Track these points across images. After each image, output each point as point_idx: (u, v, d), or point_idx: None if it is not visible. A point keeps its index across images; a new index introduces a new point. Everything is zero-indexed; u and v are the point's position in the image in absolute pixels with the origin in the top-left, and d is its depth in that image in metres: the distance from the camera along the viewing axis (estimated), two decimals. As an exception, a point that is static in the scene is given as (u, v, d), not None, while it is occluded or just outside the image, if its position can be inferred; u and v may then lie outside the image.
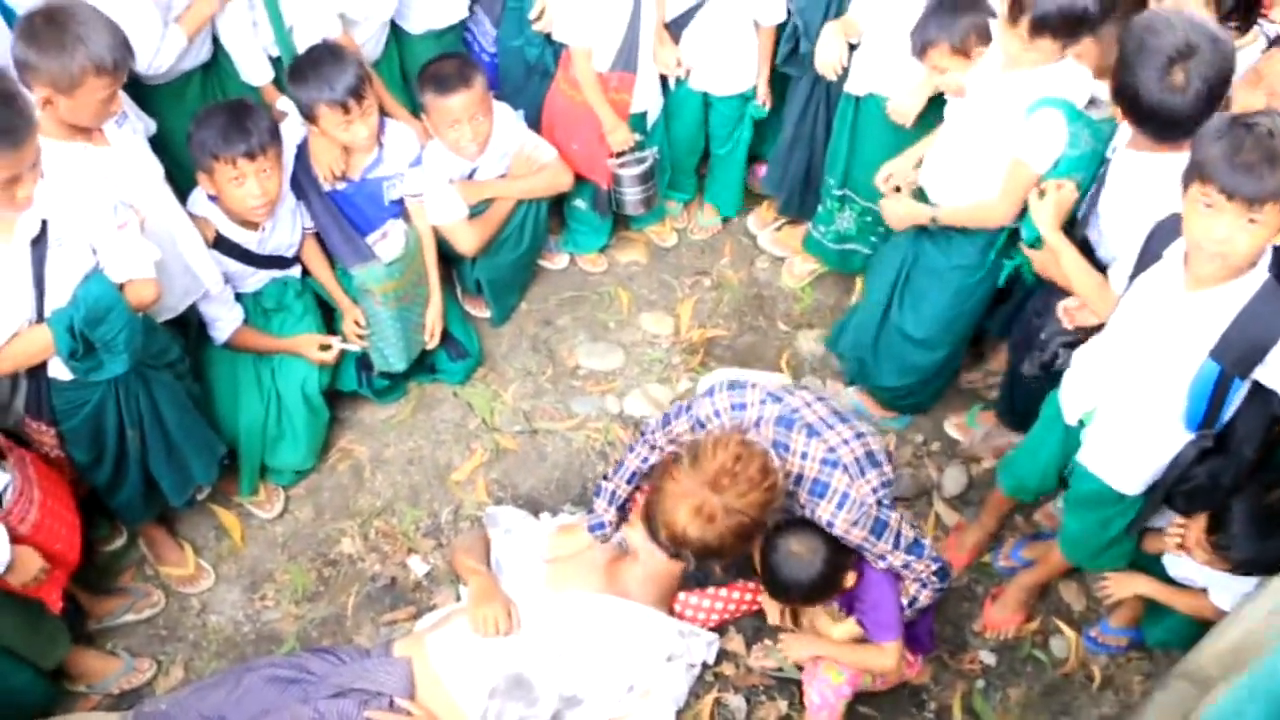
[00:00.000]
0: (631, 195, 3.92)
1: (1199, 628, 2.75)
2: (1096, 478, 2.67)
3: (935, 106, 3.32)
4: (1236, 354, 2.28)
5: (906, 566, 2.71)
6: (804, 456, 2.66)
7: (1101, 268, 2.76)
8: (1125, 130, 2.68)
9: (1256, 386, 2.36)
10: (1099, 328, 2.69)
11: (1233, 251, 2.16)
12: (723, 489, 2.47)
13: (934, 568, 2.71)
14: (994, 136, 2.89)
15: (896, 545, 2.67)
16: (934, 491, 3.58)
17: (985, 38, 2.97)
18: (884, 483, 2.67)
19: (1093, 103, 2.81)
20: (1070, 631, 3.26)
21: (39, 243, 2.45)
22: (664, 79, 3.86)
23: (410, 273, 3.48)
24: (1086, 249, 2.85)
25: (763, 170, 4.25)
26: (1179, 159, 2.30)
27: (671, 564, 2.89)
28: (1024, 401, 3.27)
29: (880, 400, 3.71)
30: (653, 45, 3.68)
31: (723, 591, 3.14)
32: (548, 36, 3.70)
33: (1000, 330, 3.53)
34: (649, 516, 2.61)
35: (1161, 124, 2.50)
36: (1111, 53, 2.58)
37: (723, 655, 3.14)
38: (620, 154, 3.83)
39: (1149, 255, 2.44)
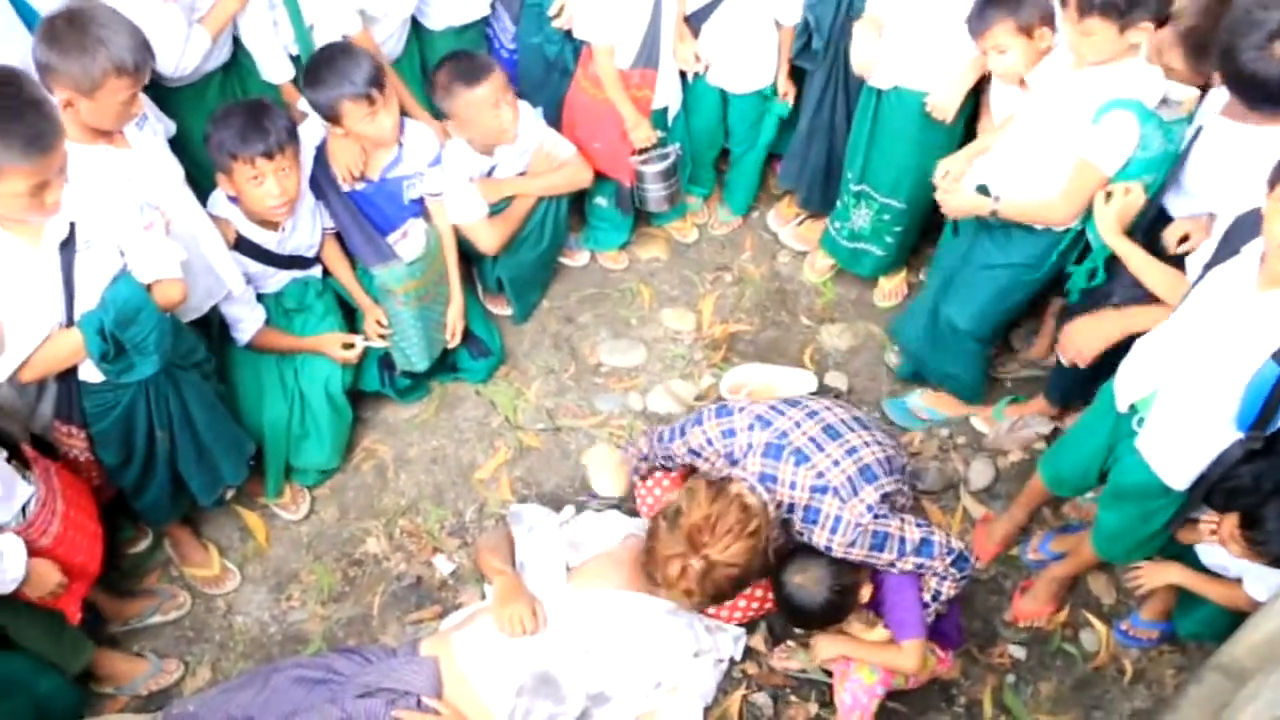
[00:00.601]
0: (655, 192, 3.91)
1: (1231, 619, 2.73)
2: (1144, 468, 2.64)
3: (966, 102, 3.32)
4: None
5: (920, 567, 2.70)
6: (793, 485, 2.69)
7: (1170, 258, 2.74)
8: (1220, 97, 2.69)
9: None
10: None
11: None
12: (703, 546, 2.58)
13: (949, 559, 2.70)
14: (1062, 136, 2.84)
15: (902, 552, 2.66)
16: (961, 485, 3.55)
17: (1049, 19, 2.92)
18: (883, 496, 2.67)
19: (1164, 102, 2.77)
20: (1100, 625, 3.23)
21: (67, 246, 2.45)
22: (682, 74, 3.84)
23: (431, 272, 3.48)
24: (1161, 220, 2.85)
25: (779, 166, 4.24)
26: (1269, 133, 2.34)
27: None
28: (1071, 380, 3.27)
29: (953, 391, 3.65)
30: (673, 40, 3.66)
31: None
32: (567, 34, 3.69)
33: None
34: (648, 573, 2.73)
35: (1254, 92, 2.51)
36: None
37: (748, 653, 3.13)
38: (643, 151, 3.82)
39: (1227, 249, 2.42)
